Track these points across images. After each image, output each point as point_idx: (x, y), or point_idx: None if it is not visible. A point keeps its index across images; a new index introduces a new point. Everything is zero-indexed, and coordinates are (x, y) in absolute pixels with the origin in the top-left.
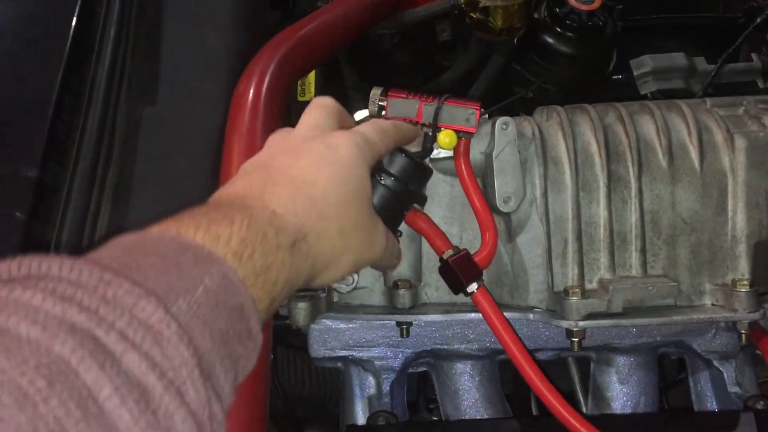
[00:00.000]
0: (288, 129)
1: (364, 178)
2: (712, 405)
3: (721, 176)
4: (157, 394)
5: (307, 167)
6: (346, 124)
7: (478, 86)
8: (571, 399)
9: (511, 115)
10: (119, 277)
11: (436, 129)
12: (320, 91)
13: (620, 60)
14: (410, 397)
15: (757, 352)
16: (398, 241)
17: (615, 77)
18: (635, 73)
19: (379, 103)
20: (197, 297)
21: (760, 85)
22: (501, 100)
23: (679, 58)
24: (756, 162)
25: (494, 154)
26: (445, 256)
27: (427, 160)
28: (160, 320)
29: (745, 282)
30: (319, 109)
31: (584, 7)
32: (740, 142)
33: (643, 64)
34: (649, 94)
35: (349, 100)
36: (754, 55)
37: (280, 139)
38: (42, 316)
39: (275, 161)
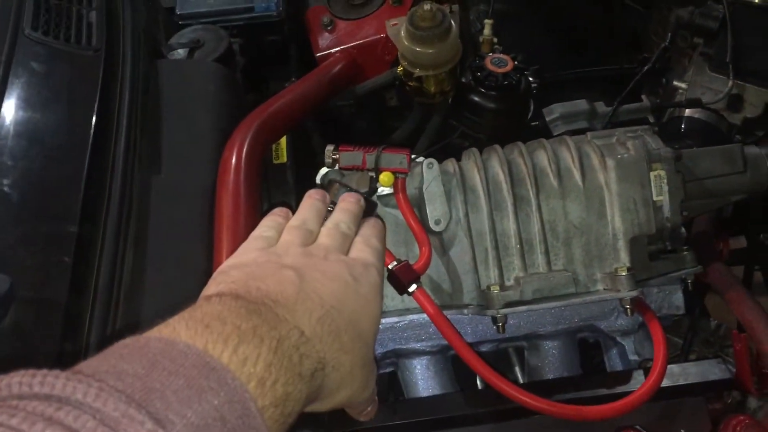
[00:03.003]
0: (304, 221)
1: (378, 317)
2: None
3: (599, 190)
4: None
5: (336, 292)
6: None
7: (423, 141)
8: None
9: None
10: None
11: (378, 172)
12: (292, 154)
13: (538, 110)
14: (381, 396)
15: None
16: None
17: (533, 123)
18: (547, 119)
19: (333, 156)
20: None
21: (651, 120)
22: (442, 150)
23: (581, 104)
24: (623, 176)
25: (424, 187)
26: (390, 267)
27: (374, 197)
28: None
29: (624, 268)
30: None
31: (499, 70)
32: (611, 163)
33: (553, 111)
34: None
35: (317, 162)
36: (643, 97)
37: (302, 241)
38: None
39: (307, 268)
